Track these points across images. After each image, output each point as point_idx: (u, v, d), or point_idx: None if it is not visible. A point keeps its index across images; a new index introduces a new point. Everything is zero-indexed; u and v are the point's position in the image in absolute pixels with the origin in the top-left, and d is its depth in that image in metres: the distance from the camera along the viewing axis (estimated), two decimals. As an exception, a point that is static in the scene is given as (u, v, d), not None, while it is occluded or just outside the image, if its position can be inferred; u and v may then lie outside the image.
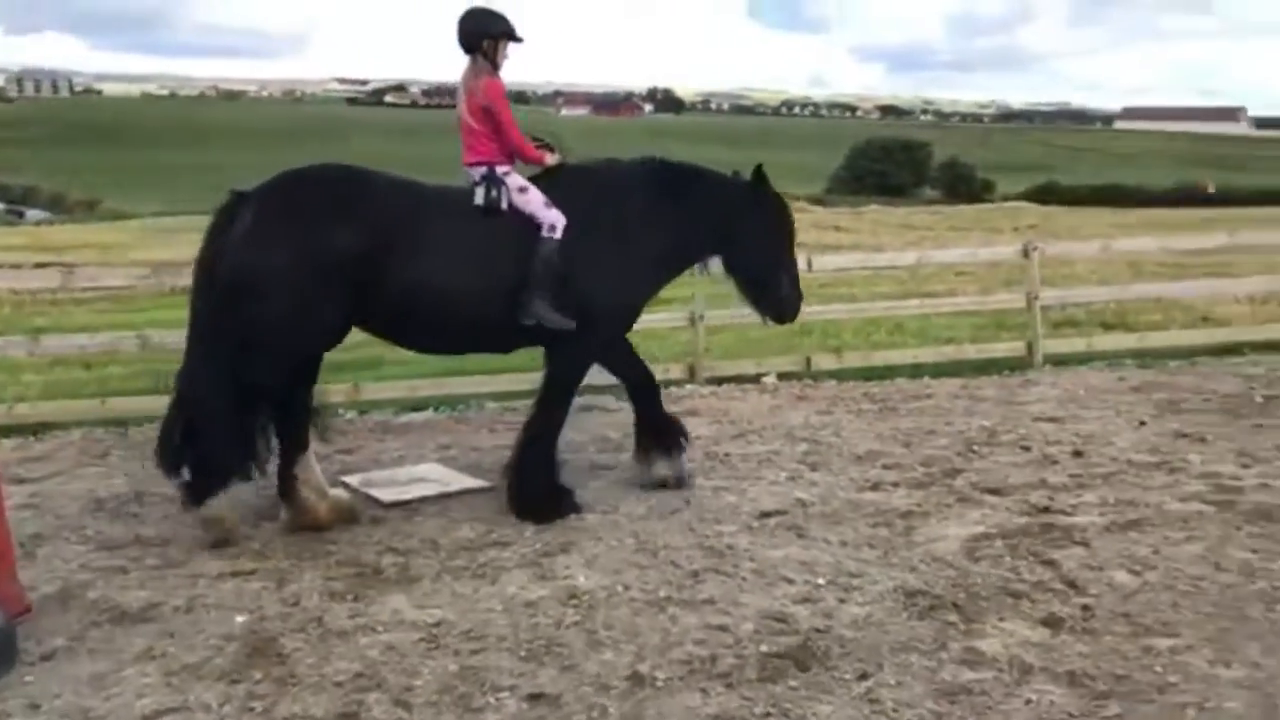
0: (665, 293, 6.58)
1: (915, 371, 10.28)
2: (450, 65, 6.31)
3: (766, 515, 5.88)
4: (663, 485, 6.28)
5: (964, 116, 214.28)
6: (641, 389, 6.33)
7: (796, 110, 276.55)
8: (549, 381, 6.05)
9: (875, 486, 6.40)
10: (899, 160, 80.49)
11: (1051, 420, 7.99)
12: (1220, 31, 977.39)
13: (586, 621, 4.52)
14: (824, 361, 10.29)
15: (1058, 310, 11.91)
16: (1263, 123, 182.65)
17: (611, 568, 5.11)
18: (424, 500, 6.17)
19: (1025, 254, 10.72)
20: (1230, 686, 3.87)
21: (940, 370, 10.31)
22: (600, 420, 8.02)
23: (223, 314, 5.34)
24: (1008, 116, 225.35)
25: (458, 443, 7.53)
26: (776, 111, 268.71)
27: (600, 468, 6.82)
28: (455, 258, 5.58)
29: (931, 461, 6.94)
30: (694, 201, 6.12)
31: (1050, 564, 5.06)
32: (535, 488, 5.88)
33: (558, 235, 5.70)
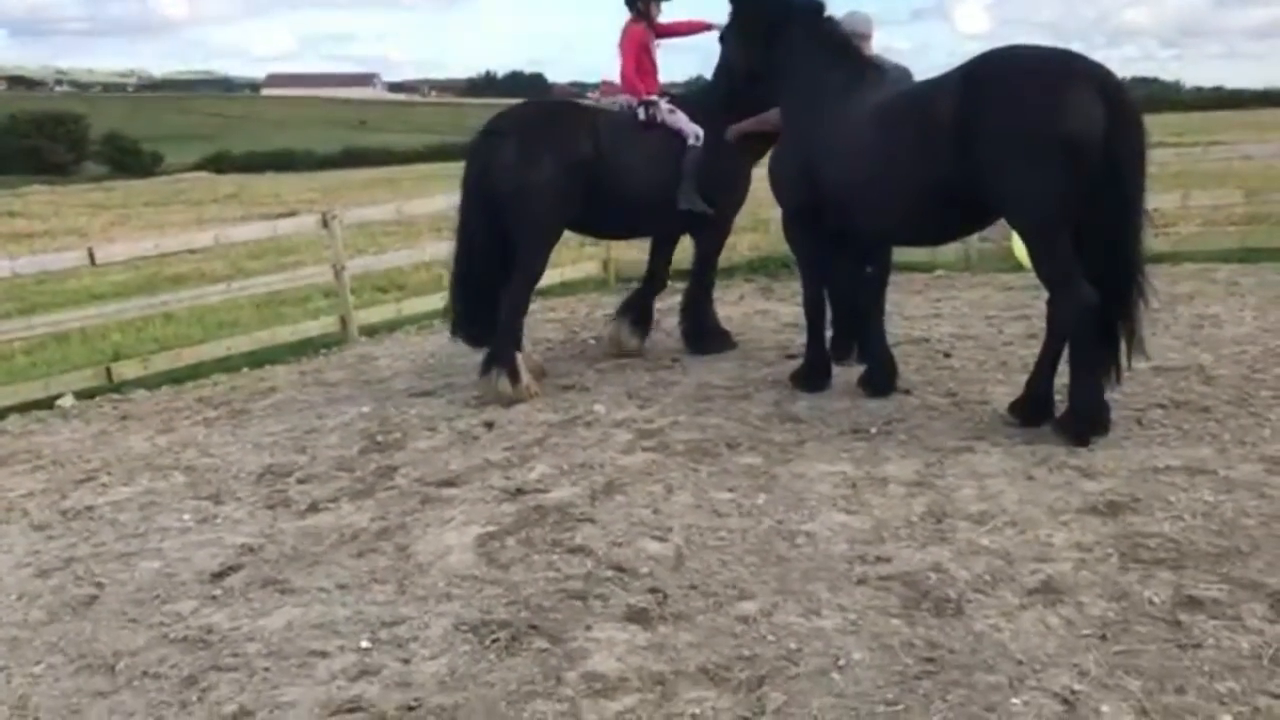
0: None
1: (227, 365, 9.21)
2: None
3: (221, 576, 4.64)
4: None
5: (105, 87, 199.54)
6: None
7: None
8: (700, 256, 8.07)
9: (314, 508, 5.41)
10: (54, 135, 73.01)
11: (424, 394, 7.57)
12: (351, 4, 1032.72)
13: None
14: (128, 370, 8.73)
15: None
16: (393, 87, 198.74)
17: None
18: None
19: (325, 224, 10.09)
20: (841, 635, 3.77)
21: (255, 359, 9.35)
22: None
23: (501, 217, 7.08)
24: (152, 86, 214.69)
25: None
26: None
27: None
28: (642, 160, 7.38)
29: (347, 464, 6.10)
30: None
31: (580, 550, 4.59)
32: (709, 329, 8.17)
33: (700, 143, 7.44)
